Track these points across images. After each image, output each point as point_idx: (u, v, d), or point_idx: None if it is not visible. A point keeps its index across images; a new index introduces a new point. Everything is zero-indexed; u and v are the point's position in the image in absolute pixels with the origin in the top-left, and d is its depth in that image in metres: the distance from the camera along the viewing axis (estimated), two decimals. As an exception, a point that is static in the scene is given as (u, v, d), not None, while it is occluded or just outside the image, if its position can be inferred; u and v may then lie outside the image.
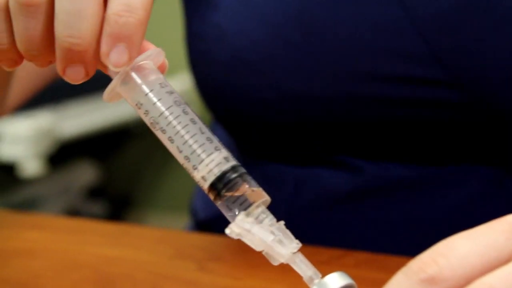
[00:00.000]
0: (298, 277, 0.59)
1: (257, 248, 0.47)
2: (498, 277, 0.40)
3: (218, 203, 0.48)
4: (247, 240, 0.47)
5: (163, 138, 0.48)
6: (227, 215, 0.48)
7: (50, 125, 2.18)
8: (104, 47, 0.47)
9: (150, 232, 0.85)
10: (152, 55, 0.49)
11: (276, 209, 0.49)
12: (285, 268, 0.50)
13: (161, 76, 0.49)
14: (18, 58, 0.51)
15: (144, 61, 0.49)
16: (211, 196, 0.48)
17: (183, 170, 0.49)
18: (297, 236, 0.48)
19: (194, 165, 0.48)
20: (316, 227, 0.76)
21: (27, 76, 0.82)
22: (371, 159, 0.74)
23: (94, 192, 2.62)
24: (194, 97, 1.34)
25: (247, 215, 0.47)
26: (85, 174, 2.59)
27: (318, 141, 0.75)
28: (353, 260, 0.69)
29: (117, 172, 2.80)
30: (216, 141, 0.48)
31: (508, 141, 0.71)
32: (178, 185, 2.64)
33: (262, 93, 0.73)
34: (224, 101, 0.76)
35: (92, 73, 0.49)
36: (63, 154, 2.36)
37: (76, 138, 2.32)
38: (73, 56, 0.47)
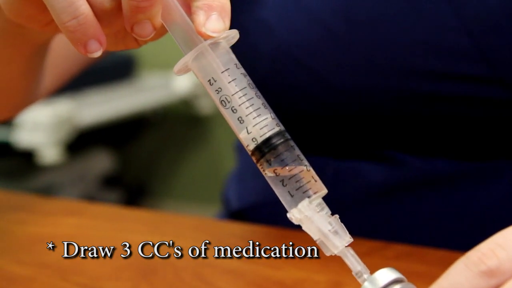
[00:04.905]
0: (338, 268, 0.60)
1: (314, 236, 0.48)
2: None
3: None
4: (305, 227, 0.48)
5: (232, 117, 0.49)
6: (285, 199, 0.49)
7: (69, 113, 2.19)
8: (200, 18, 0.49)
9: (186, 220, 0.86)
10: (228, 37, 0.50)
11: None
12: (326, 259, 0.51)
13: (234, 57, 0.50)
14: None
15: (220, 41, 0.50)
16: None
17: (198, 160, 0.50)
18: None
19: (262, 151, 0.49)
20: (355, 219, 0.77)
21: (62, 61, 0.83)
22: (414, 153, 0.74)
23: (110, 180, 2.64)
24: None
25: (310, 202, 0.48)
26: (101, 162, 2.61)
27: (362, 135, 0.76)
28: (393, 252, 0.69)
29: (133, 161, 2.81)
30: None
31: None
32: (194, 175, 2.65)
33: (307, 87, 0.74)
34: (268, 94, 0.77)
35: (158, 26, 0.50)
36: (81, 142, 2.38)
37: (94, 126, 2.33)
38: (139, 13, 0.49)
